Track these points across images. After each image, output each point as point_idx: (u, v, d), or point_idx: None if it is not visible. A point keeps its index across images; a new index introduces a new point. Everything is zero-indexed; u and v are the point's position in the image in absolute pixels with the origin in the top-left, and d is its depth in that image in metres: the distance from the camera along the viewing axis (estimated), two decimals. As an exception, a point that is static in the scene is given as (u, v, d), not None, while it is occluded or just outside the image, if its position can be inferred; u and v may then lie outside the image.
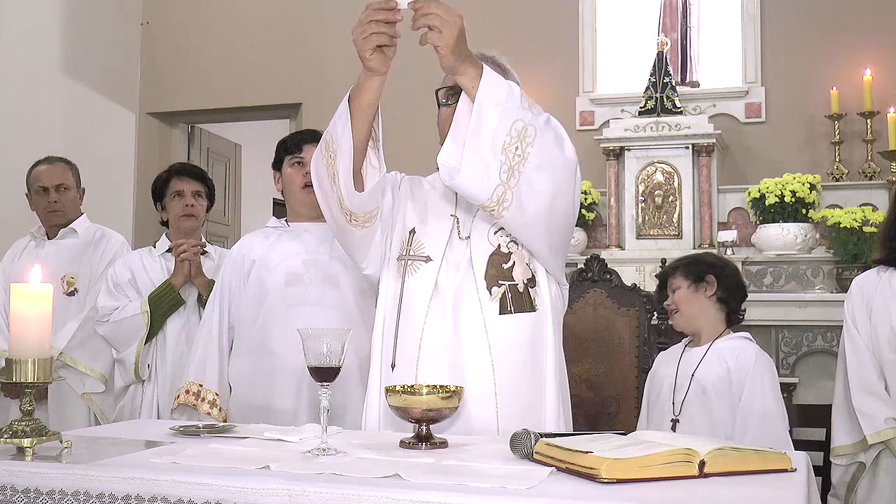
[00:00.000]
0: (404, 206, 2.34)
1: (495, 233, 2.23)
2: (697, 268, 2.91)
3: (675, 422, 2.79)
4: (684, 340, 2.97)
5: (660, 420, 2.80)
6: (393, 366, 2.22)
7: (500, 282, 2.20)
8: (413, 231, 2.29)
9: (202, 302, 3.31)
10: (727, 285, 2.89)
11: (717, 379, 2.77)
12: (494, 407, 2.13)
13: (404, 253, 2.27)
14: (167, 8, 7.13)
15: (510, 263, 2.22)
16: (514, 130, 2.03)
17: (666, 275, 2.96)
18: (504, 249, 2.23)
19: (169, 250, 3.47)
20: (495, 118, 2.01)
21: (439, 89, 2.30)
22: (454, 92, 2.17)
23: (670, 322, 2.96)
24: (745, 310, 2.96)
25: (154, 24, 7.14)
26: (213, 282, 3.22)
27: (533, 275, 2.24)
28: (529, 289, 2.22)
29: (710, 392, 2.76)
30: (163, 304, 3.36)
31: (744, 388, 2.74)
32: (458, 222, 2.27)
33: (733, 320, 2.93)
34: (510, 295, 2.20)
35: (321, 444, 1.76)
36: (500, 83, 2.04)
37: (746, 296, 2.98)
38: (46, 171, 3.82)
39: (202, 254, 3.44)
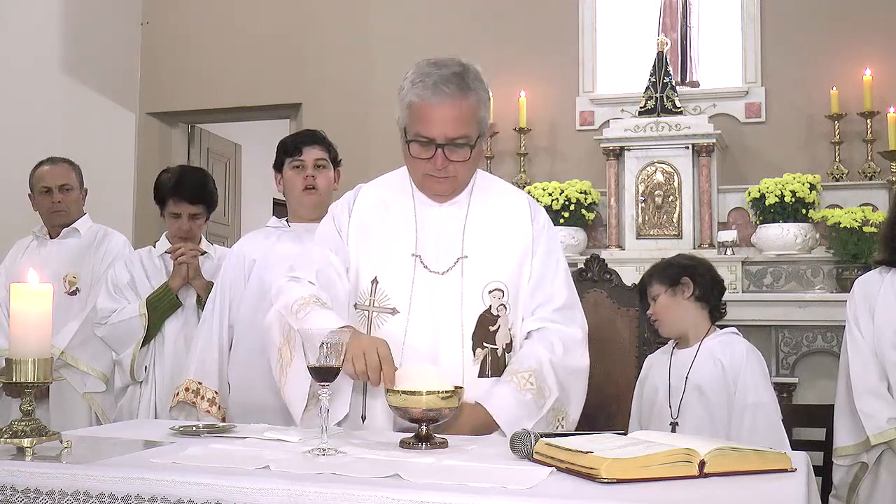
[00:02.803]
0: (358, 256, 2.26)
1: (490, 292, 2.20)
2: (671, 272, 2.90)
3: (674, 425, 2.78)
4: (671, 342, 2.96)
5: (657, 426, 2.79)
6: (363, 418, 2.19)
7: (485, 344, 2.18)
8: (375, 281, 2.22)
9: (201, 304, 3.31)
10: (703, 283, 2.88)
11: (712, 378, 2.77)
12: None
13: (367, 304, 2.21)
14: (167, 8, 7.12)
15: (496, 327, 2.20)
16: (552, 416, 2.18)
17: (644, 284, 2.96)
18: (494, 312, 2.20)
19: (168, 251, 3.47)
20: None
21: (411, 141, 2.18)
22: (430, 143, 2.14)
23: (657, 329, 2.94)
24: (725, 303, 2.95)
25: (154, 24, 7.13)
26: (211, 284, 3.22)
27: (511, 340, 2.23)
28: (506, 354, 2.22)
29: (707, 392, 2.76)
30: (160, 306, 3.36)
31: (738, 384, 2.74)
32: (422, 260, 2.21)
33: (716, 316, 2.92)
34: (490, 358, 2.19)
35: (321, 444, 1.76)
36: (517, 417, 2.10)
37: (724, 289, 2.97)
38: (50, 172, 3.82)
39: (201, 254, 3.45)
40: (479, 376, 2.16)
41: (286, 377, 2.18)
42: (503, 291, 2.21)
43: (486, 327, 2.19)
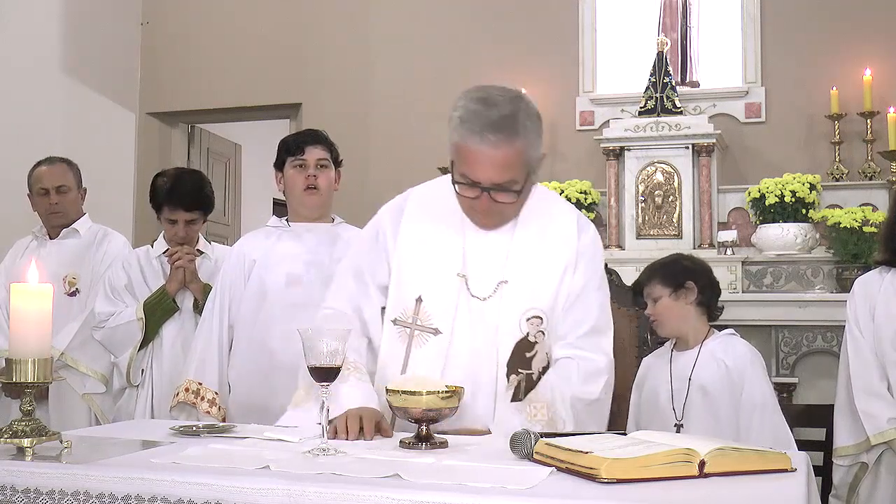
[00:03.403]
0: (401, 268, 2.21)
1: (528, 319, 2.16)
2: (674, 273, 2.88)
3: (678, 426, 2.79)
4: (668, 345, 2.96)
5: (660, 429, 2.77)
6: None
7: (520, 370, 2.15)
8: (419, 299, 2.18)
9: (198, 308, 3.31)
10: (704, 288, 2.89)
11: (716, 379, 2.78)
12: None
13: (409, 321, 2.18)
14: (167, 8, 7.12)
15: (533, 353, 2.17)
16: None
17: (641, 284, 2.94)
18: (531, 339, 2.17)
19: (165, 252, 3.46)
20: None
21: (457, 182, 2.10)
22: (476, 185, 2.07)
23: (656, 330, 2.93)
24: (722, 305, 2.96)
25: (154, 24, 7.13)
26: (208, 287, 3.22)
27: (549, 362, 2.20)
28: (542, 375, 2.19)
29: (712, 392, 2.77)
30: (158, 310, 3.35)
31: (744, 384, 2.76)
32: (466, 282, 2.17)
33: (712, 317, 2.94)
34: (524, 384, 2.16)
35: (321, 444, 1.76)
36: None
37: (720, 292, 2.98)
38: (46, 173, 3.80)
39: (199, 254, 3.44)
40: (511, 400, 2.14)
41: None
42: (542, 319, 2.17)
43: (522, 354, 2.16)
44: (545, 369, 2.19)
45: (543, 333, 2.17)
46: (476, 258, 2.18)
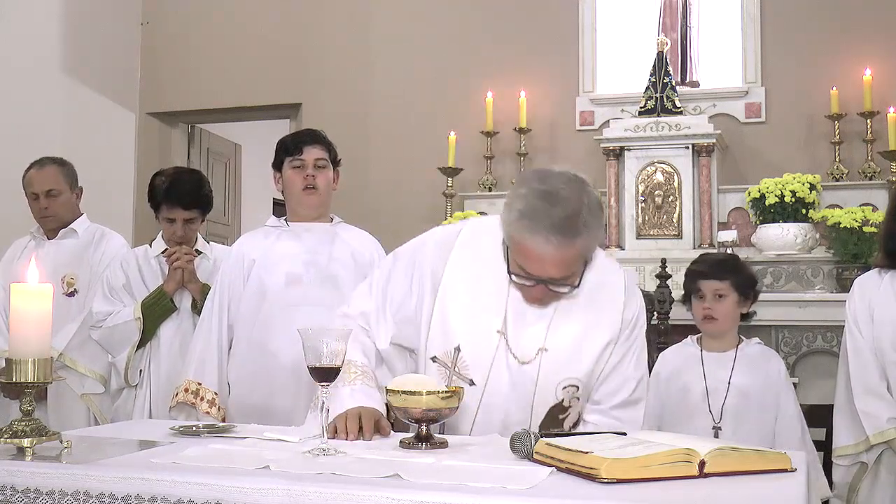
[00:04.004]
0: (445, 309, 2.18)
1: (564, 388, 2.15)
2: (746, 282, 2.93)
3: (717, 429, 2.80)
4: (689, 343, 2.97)
5: (691, 428, 2.77)
6: None
7: (552, 429, 2.14)
8: (458, 349, 2.16)
9: (196, 308, 3.30)
10: (754, 300, 2.96)
11: (756, 385, 2.84)
12: None
13: (448, 364, 2.17)
14: (167, 8, 7.12)
15: (566, 415, 2.18)
16: None
17: (707, 275, 2.93)
18: (566, 403, 2.17)
19: (164, 252, 3.45)
20: None
21: (514, 273, 2.05)
22: (531, 277, 2.02)
23: (704, 326, 2.93)
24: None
25: (154, 24, 7.13)
26: (206, 287, 3.21)
27: (580, 419, 2.21)
28: (572, 429, 2.20)
29: (754, 398, 2.83)
30: (155, 310, 3.34)
31: (780, 399, 2.84)
32: (506, 341, 2.15)
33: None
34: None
35: (321, 444, 1.76)
36: None
37: None
38: (36, 177, 3.73)
39: (197, 254, 3.43)
40: None
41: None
42: (578, 387, 2.17)
43: (555, 416, 2.16)
44: (576, 423, 2.20)
45: (578, 399, 2.18)
46: (518, 319, 2.15)
